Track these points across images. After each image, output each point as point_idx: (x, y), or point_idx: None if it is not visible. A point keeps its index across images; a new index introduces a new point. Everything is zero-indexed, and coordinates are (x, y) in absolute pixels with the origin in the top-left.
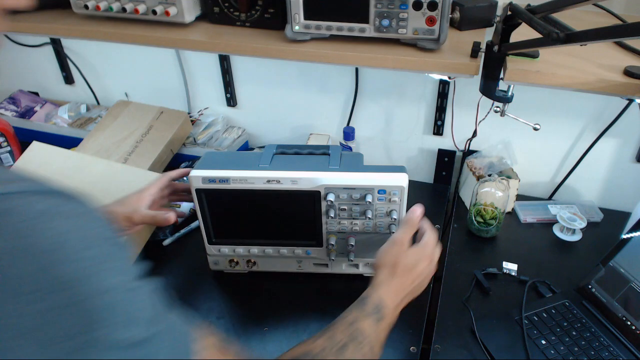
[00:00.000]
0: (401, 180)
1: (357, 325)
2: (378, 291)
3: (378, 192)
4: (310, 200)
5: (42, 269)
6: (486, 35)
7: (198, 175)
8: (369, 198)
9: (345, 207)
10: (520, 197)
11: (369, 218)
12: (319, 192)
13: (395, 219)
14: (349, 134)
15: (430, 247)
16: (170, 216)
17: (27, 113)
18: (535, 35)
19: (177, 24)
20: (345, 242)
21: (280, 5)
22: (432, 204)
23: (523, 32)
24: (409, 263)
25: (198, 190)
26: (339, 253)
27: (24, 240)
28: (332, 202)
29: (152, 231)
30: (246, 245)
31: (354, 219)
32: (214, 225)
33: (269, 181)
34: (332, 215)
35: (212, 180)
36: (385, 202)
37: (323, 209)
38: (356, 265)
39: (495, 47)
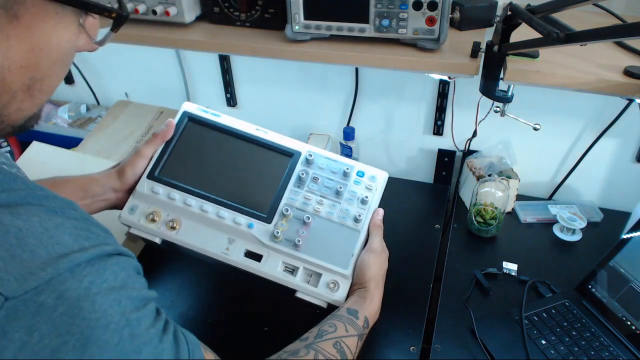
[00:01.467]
0: (381, 172)
1: (343, 344)
2: (369, 309)
3: (357, 174)
4: (286, 160)
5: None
6: (486, 35)
7: (195, 105)
8: (346, 172)
9: (318, 178)
10: (520, 197)
11: (337, 197)
12: (299, 153)
13: (363, 211)
14: (349, 134)
15: (384, 244)
16: (170, 122)
17: None
18: (535, 35)
19: (177, 24)
20: (300, 223)
21: (280, 5)
22: (432, 204)
23: (523, 32)
24: (386, 266)
25: (185, 114)
26: (285, 239)
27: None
28: (310, 160)
29: None
30: (186, 193)
31: (322, 196)
32: (170, 156)
33: (258, 129)
34: (302, 179)
35: (205, 110)
36: (360, 186)
37: (295, 173)
38: (293, 271)
39: (495, 47)
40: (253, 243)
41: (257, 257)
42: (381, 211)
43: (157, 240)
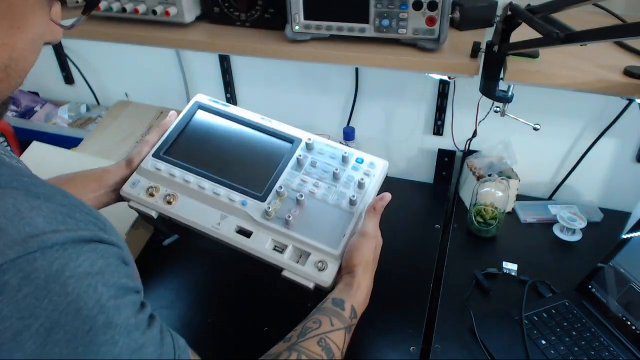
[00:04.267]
0: (381, 160)
1: (329, 340)
2: (356, 297)
3: (356, 161)
4: (286, 146)
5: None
6: (486, 35)
7: (206, 96)
8: (345, 157)
9: (317, 162)
10: (520, 197)
11: (334, 180)
12: (300, 140)
13: (359, 195)
14: (349, 133)
15: (377, 231)
16: (172, 113)
17: (27, 113)
18: (536, 35)
19: (177, 24)
20: (293, 203)
21: (281, 5)
22: (432, 204)
23: (523, 32)
24: (378, 254)
25: (196, 103)
26: (277, 217)
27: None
28: (310, 145)
29: (151, 231)
30: (187, 171)
31: (318, 179)
32: (177, 139)
33: (263, 118)
34: (301, 162)
35: (216, 101)
36: (358, 172)
37: (294, 156)
38: (282, 250)
39: (495, 47)
40: (245, 220)
41: (247, 234)
42: (387, 196)
43: (154, 214)
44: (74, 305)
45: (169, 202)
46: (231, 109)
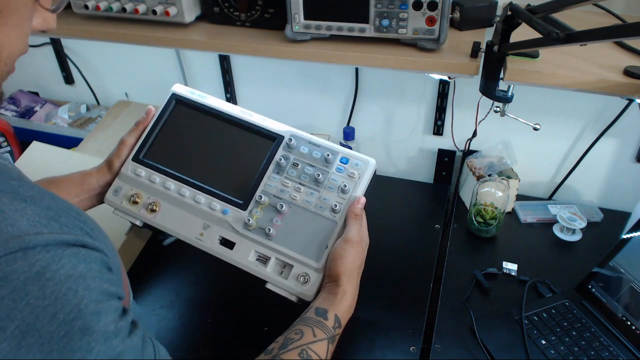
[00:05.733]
0: (367, 159)
1: (310, 351)
2: (340, 306)
3: (340, 161)
4: (268, 144)
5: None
6: (486, 35)
7: (185, 87)
8: (327, 158)
9: (299, 164)
10: (520, 197)
11: (316, 185)
12: (282, 138)
13: (342, 201)
14: (349, 134)
15: (363, 232)
16: (149, 109)
17: (27, 113)
18: (536, 35)
19: (177, 24)
20: (275, 211)
21: (280, 5)
22: (432, 204)
23: (523, 32)
24: (364, 258)
25: (173, 95)
26: (259, 227)
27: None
28: (290, 144)
29: (151, 232)
30: (167, 176)
31: (300, 183)
32: (156, 139)
33: (242, 111)
34: (281, 165)
35: (193, 92)
36: (342, 174)
37: (275, 158)
38: (265, 261)
39: (495, 47)
40: (227, 230)
41: (230, 245)
42: (362, 199)
43: (139, 223)
44: (50, 309)
45: (153, 210)
46: (209, 101)
